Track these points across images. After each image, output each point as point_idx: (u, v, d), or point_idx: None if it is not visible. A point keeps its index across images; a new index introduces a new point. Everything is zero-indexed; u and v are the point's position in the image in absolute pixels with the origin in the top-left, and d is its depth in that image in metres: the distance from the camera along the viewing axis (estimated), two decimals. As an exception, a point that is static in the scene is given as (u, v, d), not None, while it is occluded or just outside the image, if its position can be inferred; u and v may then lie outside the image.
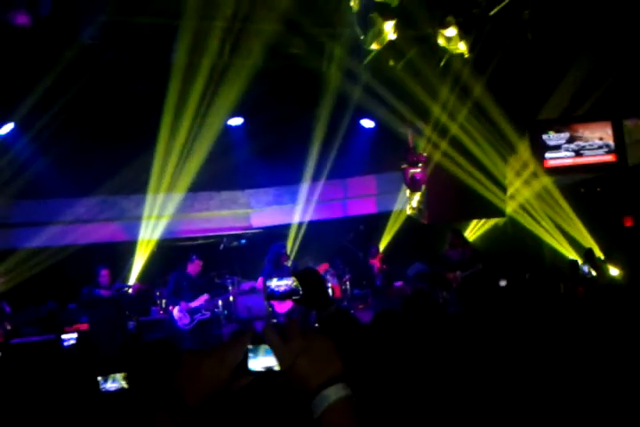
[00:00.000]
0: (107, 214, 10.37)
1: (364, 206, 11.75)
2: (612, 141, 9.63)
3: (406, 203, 10.56)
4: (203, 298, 8.44)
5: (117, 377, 3.93)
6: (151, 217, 10.07)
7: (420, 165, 9.92)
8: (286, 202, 11.45)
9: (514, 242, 10.95)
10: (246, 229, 11.40)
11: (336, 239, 11.12)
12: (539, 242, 10.80)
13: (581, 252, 10.14)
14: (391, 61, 8.54)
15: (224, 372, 1.31)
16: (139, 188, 9.96)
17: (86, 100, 8.17)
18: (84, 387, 3.82)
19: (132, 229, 10.20)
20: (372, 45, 7.65)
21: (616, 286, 9.11)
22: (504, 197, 10.12)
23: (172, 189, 9.97)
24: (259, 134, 10.20)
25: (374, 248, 10.72)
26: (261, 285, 8.61)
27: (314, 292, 3.83)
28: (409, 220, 10.85)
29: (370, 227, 11.70)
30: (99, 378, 3.89)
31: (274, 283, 7.34)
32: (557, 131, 9.78)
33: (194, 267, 8.51)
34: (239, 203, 11.41)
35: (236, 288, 9.25)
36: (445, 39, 7.96)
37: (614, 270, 9.74)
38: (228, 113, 9.30)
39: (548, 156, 9.81)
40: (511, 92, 9.18)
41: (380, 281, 10.21)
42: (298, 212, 11.14)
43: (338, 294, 9.86)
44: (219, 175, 10.36)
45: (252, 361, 1.35)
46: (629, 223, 10.46)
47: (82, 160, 9.29)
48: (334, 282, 9.76)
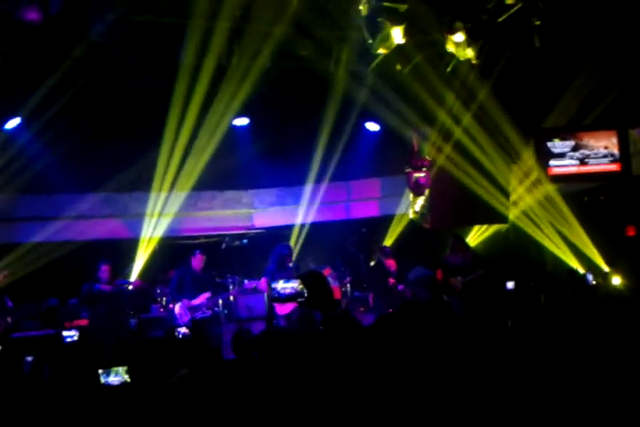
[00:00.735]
0: (110, 211, 10.40)
1: (366, 209, 11.75)
2: (616, 151, 9.62)
3: (409, 207, 10.57)
4: (205, 296, 8.48)
5: (120, 371, 3.95)
6: (154, 215, 10.09)
7: (425, 169, 9.92)
8: (289, 203, 11.46)
9: (516, 248, 10.95)
10: (249, 229, 11.43)
11: (338, 241, 11.13)
12: (541, 249, 10.79)
13: (584, 260, 10.14)
14: (398, 66, 8.54)
15: None
16: (143, 185, 9.99)
17: (93, 98, 8.22)
18: (84, 380, 3.85)
19: (135, 227, 10.22)
20: (380, 50, 7.65)
21: (619, 295, 9.15)
22: (507, 203, 10.11)
23: (175, 188, 9.99)
24: (264, 135, 10.23)
25: (387, 249, 10.72)
26: (264, 284, 8.65)
27: (319, 294, 3.87)
28: (411, 224, 10.86)
29: (372, 230, 11.71)
30: (100, 371, 3.90)
31: (280, 285, 7.37)
32: (563, 139, 9.77)
33: (197, 262, 8.58)
34: (242, 203, 11.42)
35: (237, 287, 9.26)
36: (453, 44, 7.97)
37: (616, 279, 9.73)
38: (233, 113, 9.31)
39: (552, 163, 9.80)
40: (517, 100, 9.19)
41: (390, 282, 10.21)
42: (301, 213, 11.14)
43: (338, 296, 9.87)
44: (223, 175, 10.39)
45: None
46: (632, 233, 10.45)
47: (87, 156, 9.33)
48: (335, 284, 9.78)
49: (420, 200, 10.19)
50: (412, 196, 10.29)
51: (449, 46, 7.84)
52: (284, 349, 3.79)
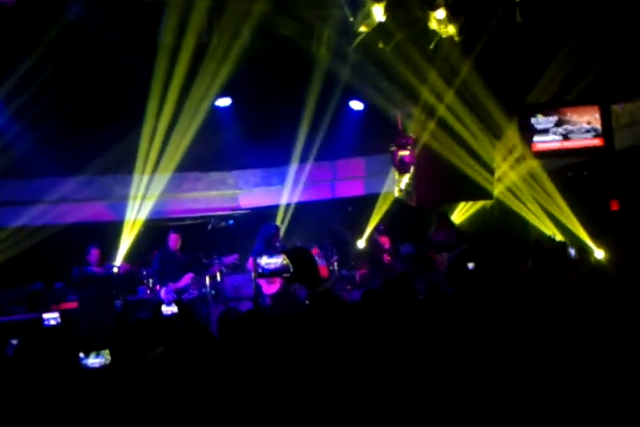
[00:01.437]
0: (93, 194, 10.27)
1: (352, 188, 11.74)
2: (599, 126, 9.65)
3: (395, 185, 10.57)
4: (188, 277, 8.46)
5: (102, 353, 3.92)
6: (138, 197, 10.01)
7: (409, 147, 9.91)
8: (274, 183, 11.41)
9: (501, 225, 11.01)
10: (234, 210, 11.39)
11: (324, 221, 11.14)
12: (526, 225, 10.85)
13: (568, 235, 10.21)
14: (381, 44, 8.48)
15: None
16: (125, 168, 9.88)
17: (72, 79, 8.08)
18: (64, 363, 3.80)
19: (119, 209, 10.14)
20: (362, 28, 7.60)
21: (602, 269, 9.26)
22: (492, 179, 10.15)
23: (158, 170, 9.90)
24: (246, 115, 10.14)
25: (381, 227, 10.75)
26: (251, 264, 8.64)
27: (304, 270, 3.88)
28: (397, 202, 10.88)
29: (358, 209, 11.71)
30: (80, 354, 3.87)
31: (264, 261, 7.33)
32: (546, 114, 9.77)
33: (172, 242, 8.54)
34: (227, 184, 11.36)
35: (219, 265, 9.20)
36: (435, 21, 7.91)
37: (599, 253, 9.83)
38: (215, 93, 9.22)
39: (536, 139, 9.82)
40: (500, 76, 9.15)
41: (386, 258, 10.26)
42: (286, 193, 11.10)
43: (326, 275, 9.91)
44: (206, 156, 10.29)
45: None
46: (615, 207, 10.52)
47: (67, 139, 9.20)
48: (323, 263, 9.80)
49: (406, 178, 10.20)
50: (397, 174, 10.29)
51: (431, 23, 7.80)
52: (266, 329, 3.79)
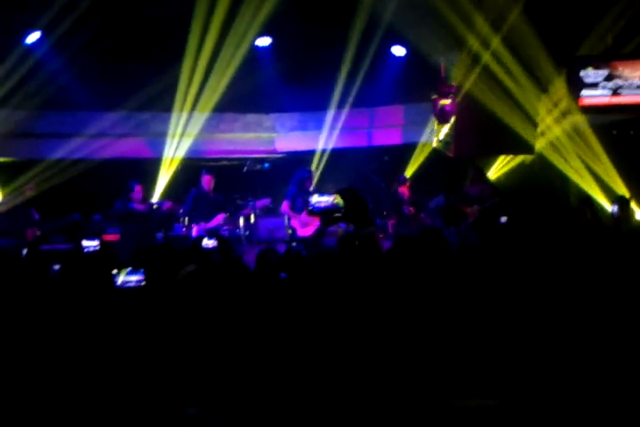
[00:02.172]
0: (131, 130, 10.37)
1: (389, 137, 11.56)
2: (651, 82, 9.24)
3: (433, 135, 10.39)
4: (220, 217, 8.59)
5: (136, 272, 4.00)
6: (176, 135, 10.10)
7: (451, 96, 9.68)
8: (311, 128, 11.29)
9: (540, 181, 10.77)
10: (270, 153, 11.39)
11: (359, 168, 11.06)
12: (566, 182, 10.60)
13: (609, 193, 9.96)
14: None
15: None
16: (164, 105, 9.92)
17: (112, 13, 8.07)
18: (98, 281, 3.87)
19: (157, 146, 10.27)
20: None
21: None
22: (534, 133, 9.88)
23: (197, 108, 9.93)
24: (286, 56, 10.00)
25: (402, 176, 10.65)
26: (285, 208, 8.73)
27: (356, 210, 3.89)
28: (434, 152, 10.71)
29: (394, 158, 11.58)
30: (114, 272, 3.94)
31: (314, 199, 7.38)
32: (596, 67, 9.37)
33: (206, 182, 8.66)
34: (264, 126, 11.31)
35: (252, 208, 9.30)
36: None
37: (640, 213, 9.59)
38: (256, 33, 9.11)
39: (584, 93, 9.44)
40: (551, 24, 8.79)
41: (408, 209, 10.19)
42: (322, 138, 11.02)
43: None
44: (244, 97, 10.23)
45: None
46: (660, 168, 10.18)
47: (107, 74, 9.28)
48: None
49: (445, 128, 10.00)
50: (436, 123, 10.10)
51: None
52: (305, 269, 3.81)
